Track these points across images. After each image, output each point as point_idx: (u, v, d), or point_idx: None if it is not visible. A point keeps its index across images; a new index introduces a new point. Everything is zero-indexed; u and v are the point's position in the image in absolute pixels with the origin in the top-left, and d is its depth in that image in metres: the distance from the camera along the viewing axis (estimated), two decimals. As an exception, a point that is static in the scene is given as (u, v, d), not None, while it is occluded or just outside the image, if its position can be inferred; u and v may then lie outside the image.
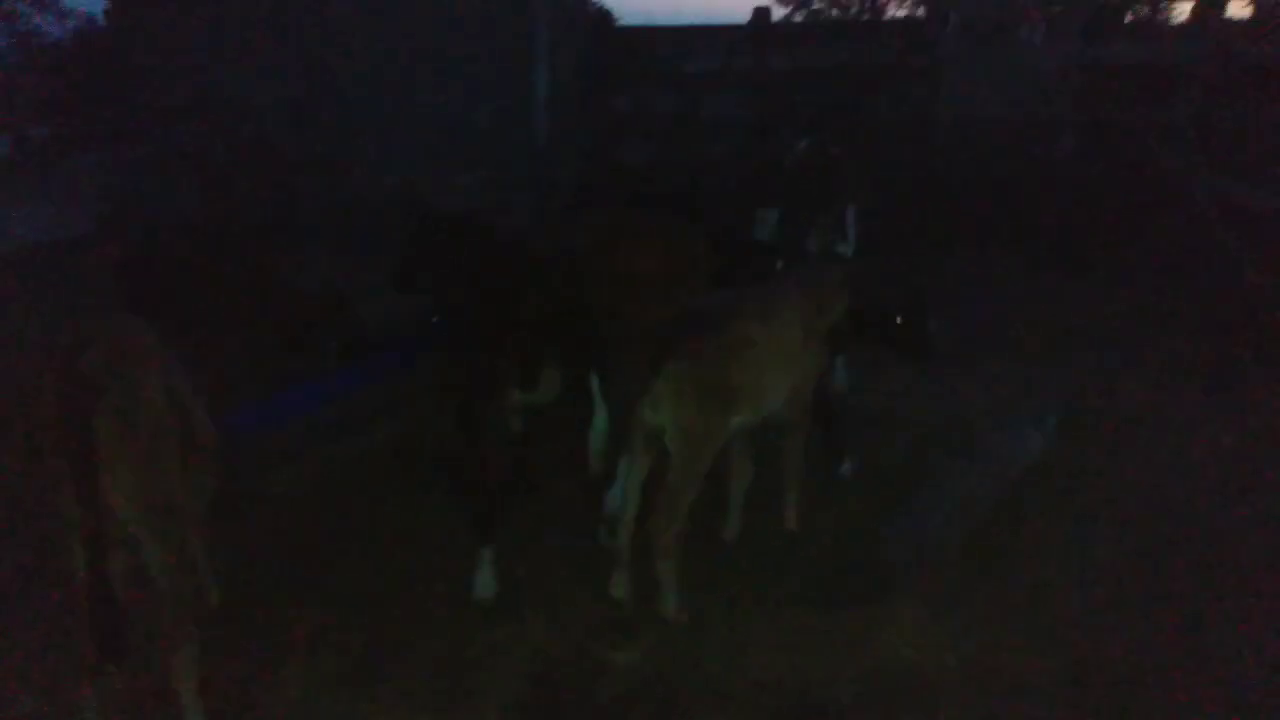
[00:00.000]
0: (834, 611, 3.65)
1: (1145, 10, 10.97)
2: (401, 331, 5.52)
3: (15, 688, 3.20)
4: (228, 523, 3.75)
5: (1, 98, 9.96)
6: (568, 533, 4.17)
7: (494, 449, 4.47)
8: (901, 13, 23.26)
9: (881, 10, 22.99)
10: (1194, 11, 8.62)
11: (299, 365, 5.18)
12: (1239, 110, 7.86)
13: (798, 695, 3.27)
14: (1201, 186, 7.04)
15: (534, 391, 4.26)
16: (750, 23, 8.59)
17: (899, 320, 4.09)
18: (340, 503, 4.48)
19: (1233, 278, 6.53)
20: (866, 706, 3.21)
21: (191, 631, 2.85)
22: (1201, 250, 7.01)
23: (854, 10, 23.02)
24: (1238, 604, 3.68)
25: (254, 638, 3.50)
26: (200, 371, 3.15)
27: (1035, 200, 8.35)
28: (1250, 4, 8.56)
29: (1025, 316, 6.87)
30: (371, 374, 5.05)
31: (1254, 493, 4.50)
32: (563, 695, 3.30)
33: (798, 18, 22.37)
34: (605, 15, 9.17)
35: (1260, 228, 6.66)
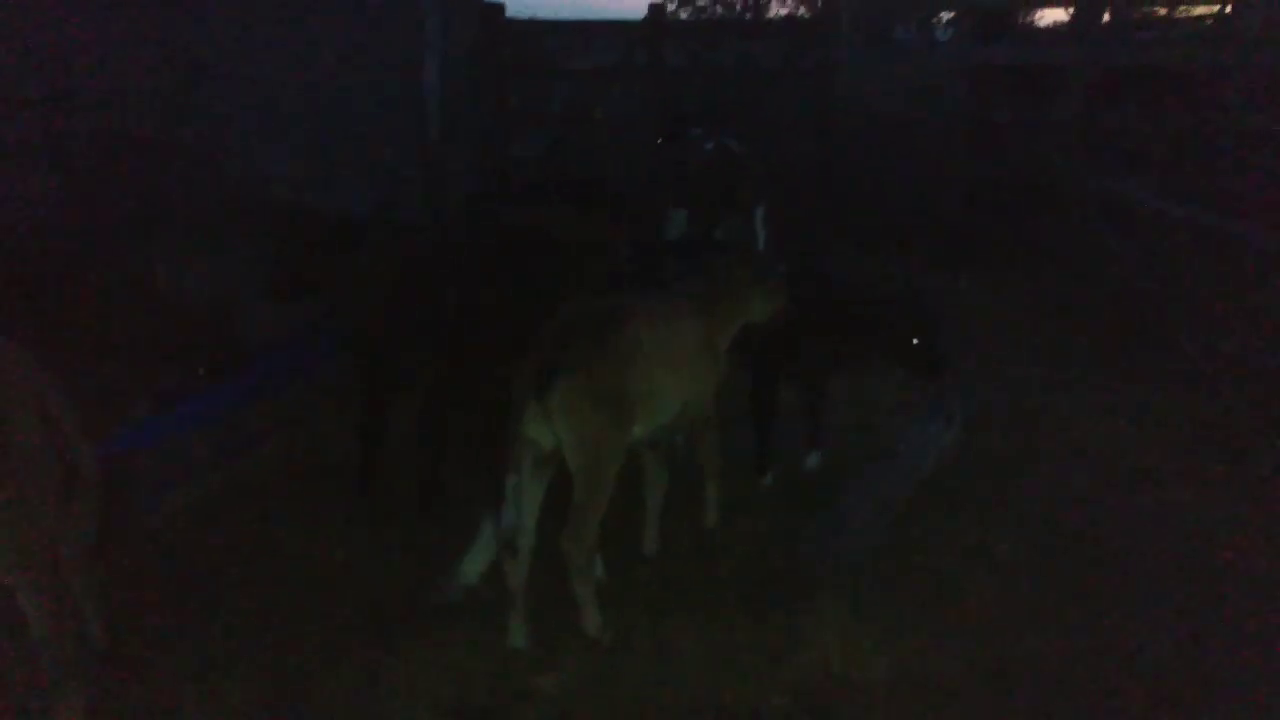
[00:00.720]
0: (760, 623, 3.58)
1: (1029, 14, 11.37)
2: (290, 338, 5.23)
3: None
4: (115, 554, 3.44)
5: None
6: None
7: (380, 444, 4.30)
8: (784, 11, 23.69)
9: (764, 10, 23.34)
10: (1073, 17, 8.96)
11: (179, 380, 4.85)
12: (1119, 111, 8.21)
13: (728, 712, 3.17)
14: (1086, 185, 7.30)
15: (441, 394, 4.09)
16: (646, 19, 8.50)
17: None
18: (236, 524, 4.18)
19: (1118, 273, 6.79)
20: (798, 720, 3.14)
21: (75, 681, 2.57)
22: (1088, 247, 7.27)
23: (739, 9, 23.30)
24: (1146, 595, 3.78)
25: (150, 676, 3.21)
26: (74, 393, 2.84)
27: (927, 199, 8.54)
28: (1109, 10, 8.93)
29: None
30: (261, 386, 4.73)
31: (1152, 482, 4.65)
32: (482, 721, 3.12)
33: (683, 15, 22.49)
34: (497, 8, 8.90)
35: (1141, 225, 6.94)
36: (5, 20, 7.89)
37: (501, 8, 8.87)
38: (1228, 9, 10.11)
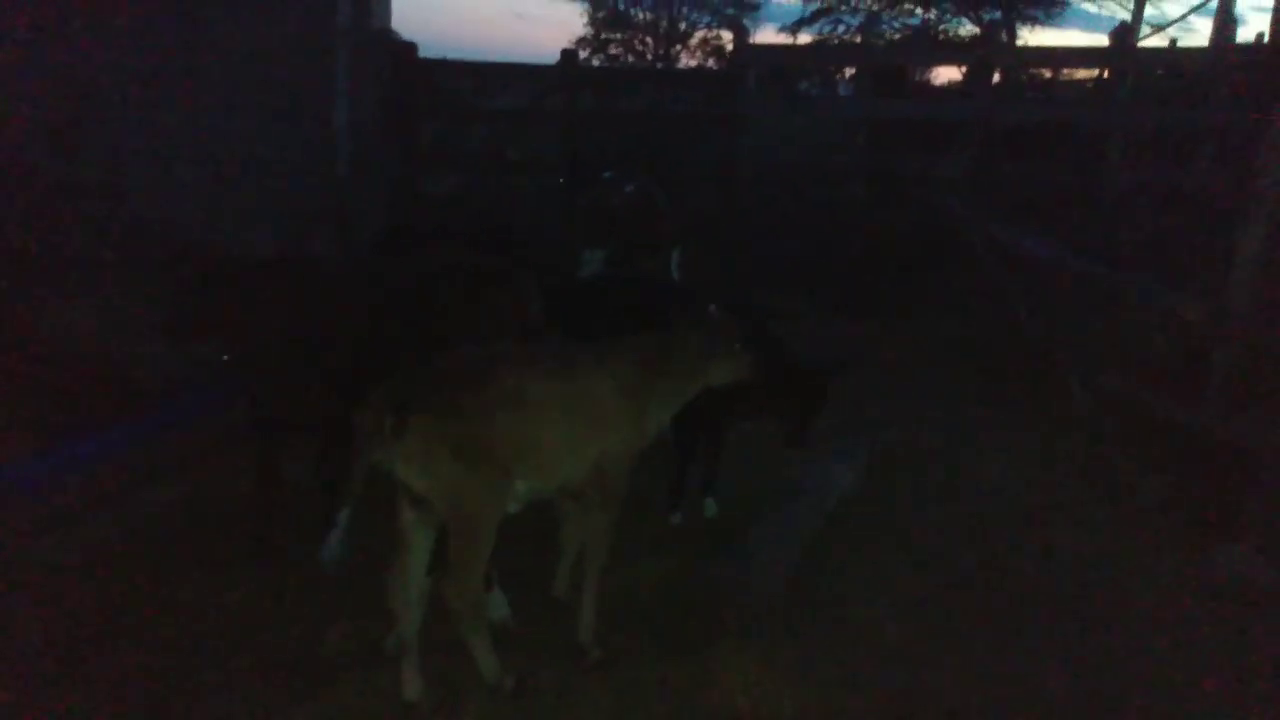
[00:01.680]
0: (667, 662, 3.57)
1: (924, 72, 11.93)
2: (186, 381, 5.06)
3: None
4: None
5: None
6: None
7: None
8: (694, 62, 24.34)
9: (675, 60, 23.93)
10: (965, 75, 9.42)
11: (65, 421, 4.64)
12: (1009, 163, 8.65)
13: (635, 752, 3.16)
14: (979, 234, 7.64)
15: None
16: (559, 64, 8.61)
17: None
18: (126, 569, 3.99)
19: (1010, 319, 7.10)
20: (705, 761, 3.15)
21: None
22: (982, 293, 7.59)
23: (650, 58, 23.83)
24: (1039, 629, 3.91)
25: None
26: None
27: (827, 244, 8.81)
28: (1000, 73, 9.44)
29: (825, 355, 7.16)
30: (154, 428, 4.55)
31: (1041, 520, 4.84)
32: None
33: (595, 61, 22.90)
34: (409, 47, 8.89)
35: (1031, 272, 7.28)
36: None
37: (414, 47, 8.87)
38: (1105, 74, 10.80)
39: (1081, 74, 13.04)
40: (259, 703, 3.28)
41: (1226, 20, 10.08)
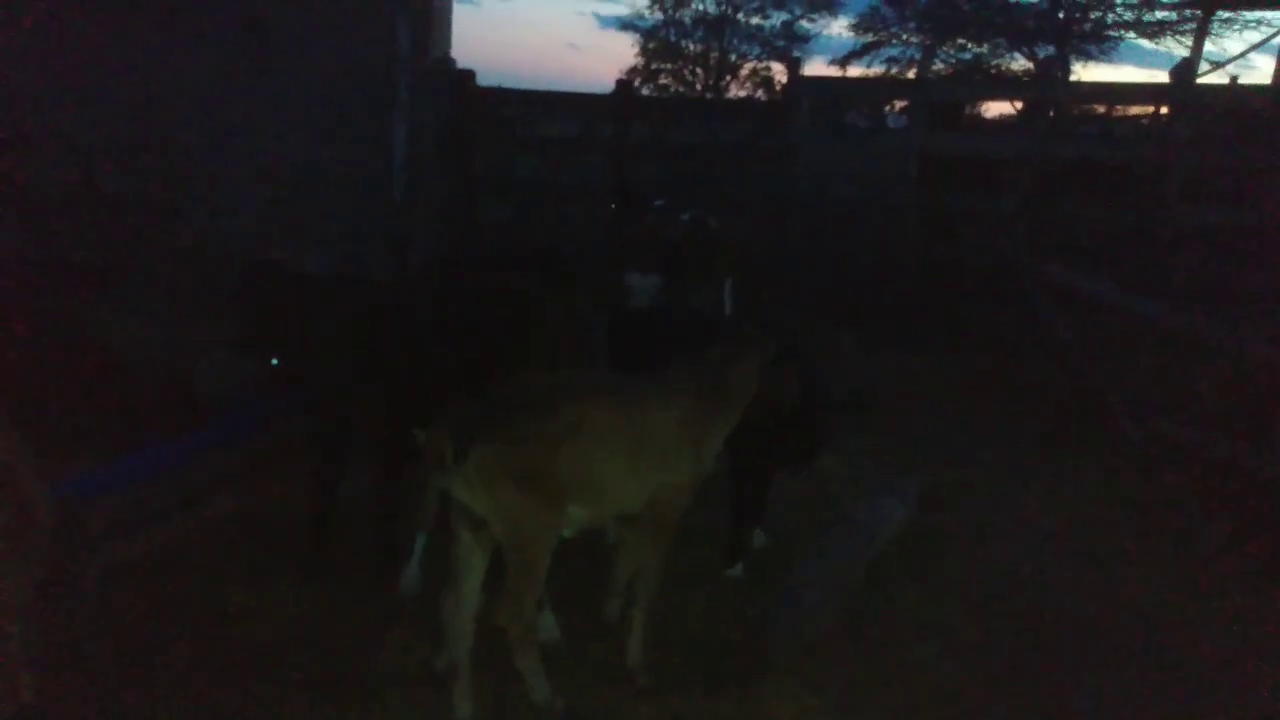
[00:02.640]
0: (715, 692, 3.55)
1: (977, 106, 11.90)
2: (248, 394, 5.15)
3: None
4: (55, 604, 3.32)
5: None
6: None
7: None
8: (743, 93, 24.47)
9: (724, 90, 24.07)
10: (1021, 111, 9.37)
11: (131, 432, 4.75)
12: (1062, 200, 8.56)
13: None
14: (1032, 271, 7.57)
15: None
16: (614, 93, 8.72)
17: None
18: (184, 580, 4.07)
19: (1064, 357, 7.00)
20: (754, 792, 3.12)
21: None
22: (1035, 330, 7.49)
23: (699, 88, 24.00)
24: (1095, 673, 3.82)
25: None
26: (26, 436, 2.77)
27: (877, 278, 8.76)
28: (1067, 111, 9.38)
29: (875, 390, 7.11)
30: (216, 441, 4.64)
31: (1099, 562, 4.75)
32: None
33: (645, 91, 23.11)
34: (466, 75, 9.06)
35: (1086, 311, 7.18)
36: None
37: (472, 74, 9.03)
38: (1163, 110, 10.68)
39: (1135, 110, 12.91)
40: (310, 716, 3.30)
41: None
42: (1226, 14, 14.72)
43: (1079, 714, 3.56)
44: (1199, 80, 10.24)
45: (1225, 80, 13.66)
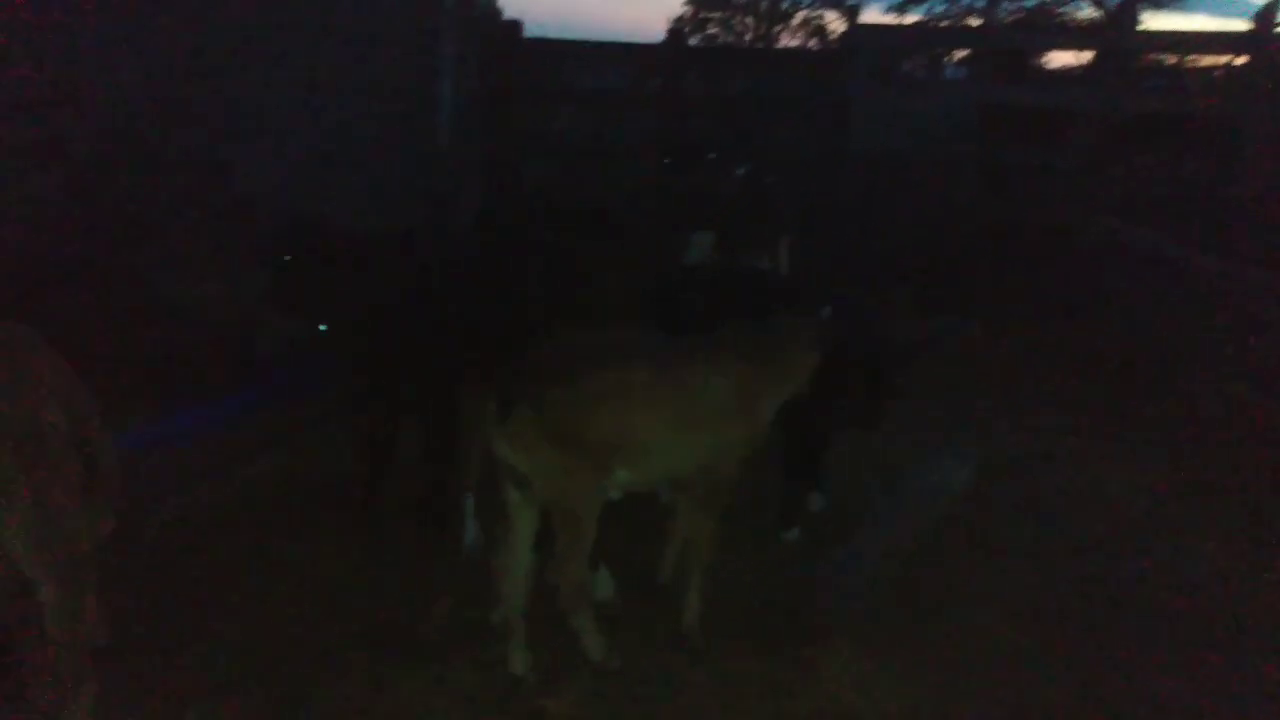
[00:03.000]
0: (770, 656, 3.51)
1: (1039, 56, 11.47)
2: (297, 351, 5.16)
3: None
4: (118, 553, 3.36)
5: None
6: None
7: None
8: (794, 43, 23.93)
9: (775, 41, 23.55)
10: (1090, 61, 9.02)
11: (183, 387, 4.78)
12: (1129, 156, 8.25)
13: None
14: (1095, 229, 7.31)
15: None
16: (664, 43, 8.51)
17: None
18: (236, 534, 4.11)
19: (1129, 319, 6.78)
20: (812, 755, 3.08)
21: (89, 679, 2.52)
22: (1098, 291, 7.27)
23: (749, 38, 23.51)
24: (1162, 644, 3.72)
25: (147, 681, 3.14)
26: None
27: (934, 237, 8.53)
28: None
29: (929, 354, 6.94)
30: (266, 398, 4.66)
31: (1167, 531, 4.61)
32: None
33: (692, 42, 22.68)
34: (514, 26, 8.90)
35: (1153, 271, 6.94)
36: (10, 22, 7.89)
37: (519, 25, 8.86)
38: (1238, 60, 10.20)
39: (1206, 61, 12.37)
40: (366, 671, 3.32)
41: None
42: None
43: (1140, 685, 3.46)
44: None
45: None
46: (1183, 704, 3.37)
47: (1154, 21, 17.65)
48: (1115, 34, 9.23)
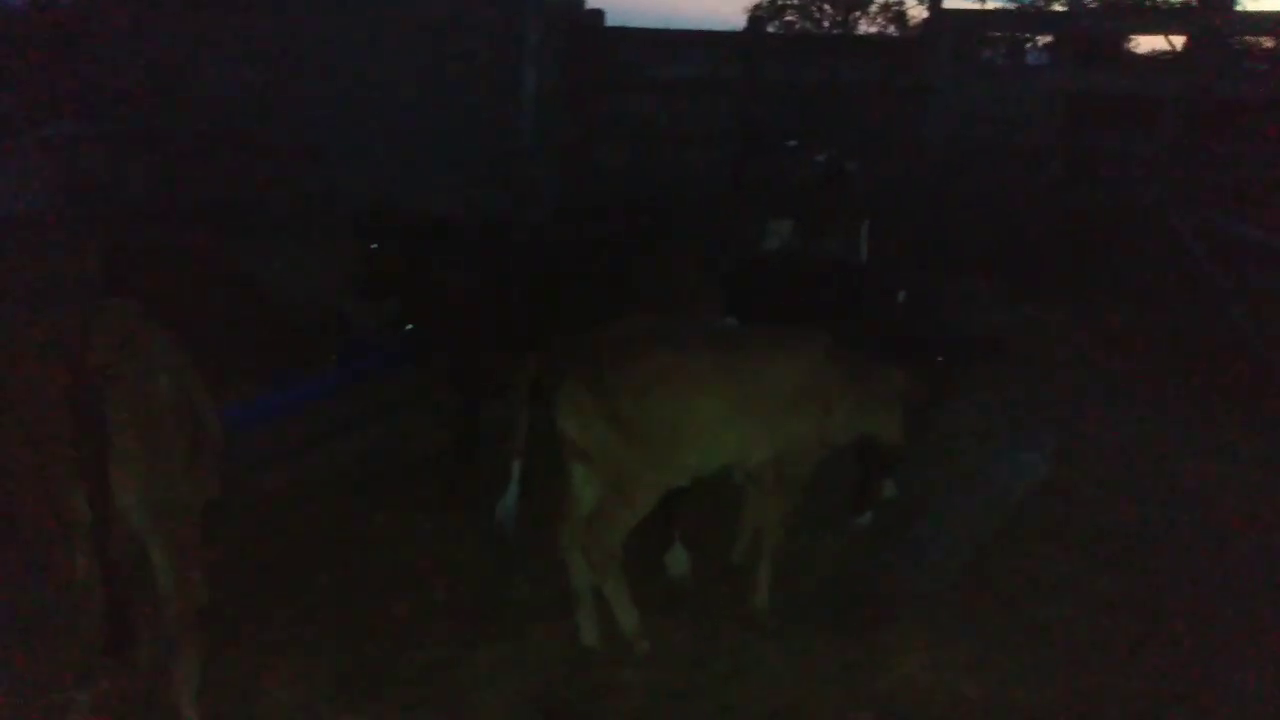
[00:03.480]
0: (843, 637, 3.55)
1: (1127, 41, 11.12)
2: (386, 332, 5.34)
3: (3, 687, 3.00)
4: (216, 520, 3.56)
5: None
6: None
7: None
8: (872, 29, 23.48)
9: (853, 27, 23.14)
10: (1184, 45, 8.74)
11: (279, 365, 4.99)
12: (1217, 143, 7.99)
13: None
14: (1181, 216, 7.11)
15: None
16: (745, 31, 8.50)
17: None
18: (327, 507, 4.29)
19: (1217, 309, 6.60)
20: (885, 733, 3.12)
21: (196, 633, 2.69)
22: (1186, 281, 7.07)
23: (826, 25, 23.15)
24: (1243, 640, 3.66)
25: (244, 641, 3.33)
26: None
27: (1016, 224, 8.38)
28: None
29: (1009, 338, 6.84)
30: (358, 374, 4.85)
31: (1254, 527, 4.50)
32: (564, 715, 3.15)
33: (770, 29, 22.42)
34: (596, 15, 8.98)
35: (1239, 258, 6.74)
36: (109, 20, 8.28)
37: (601, 15, 8.93)
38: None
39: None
40: (449, 638, 3.46)
41: None
42: None
43: (1223, 681, 3.41)
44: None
45: None
46: (1268, 700, 3.32)
47: (1251, 3, 16.92)
48: (1210, 16, 8.93)
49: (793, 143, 6.01)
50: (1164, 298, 7.31)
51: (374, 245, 4.28)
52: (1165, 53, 12.28)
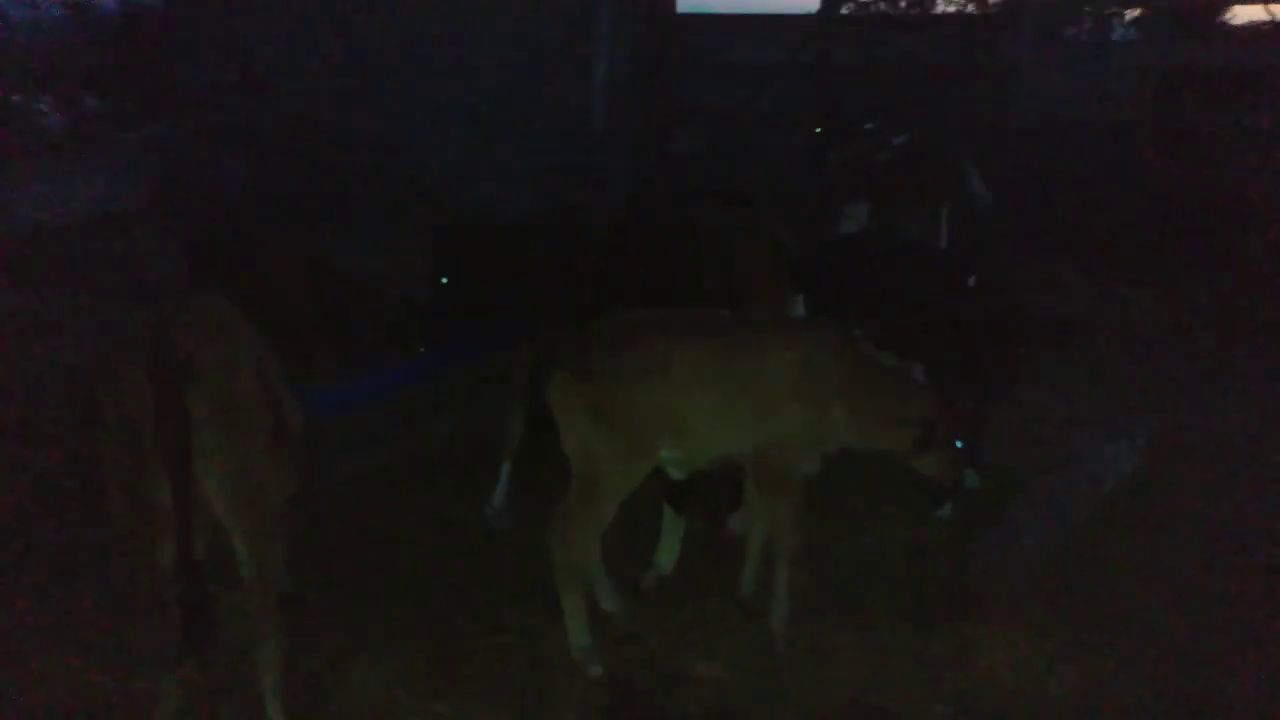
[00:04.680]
0: (923, 631, 3.49)
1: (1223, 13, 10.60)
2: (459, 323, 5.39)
3: (90, 678, 3.11)
4: (296, 512, 3.65)
5: (53, 67, 9.91)
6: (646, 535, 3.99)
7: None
8: (951, 8, 22.84)
9: (930, 7, 22.54)
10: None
11: (357, 356, 5.08)
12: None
13: (888, 714, 3.11)
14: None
15: None
16: (819, 12, 8.33)
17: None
18: (407, 494, 4.37)
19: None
20: (965, 731, 3.05)
21: (279, 624, 2.76)
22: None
23: (903, 4, 22.61)
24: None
25: (324, 632, 3.39)
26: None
27: (1106, 204, 8.08)
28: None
29: (1098, 324, 6.61)
30: (436, 364, 4.91)
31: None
32: (641, 705, 3.16)
33: (845, 10, 21.97)
34: (668, 1, 8.92)
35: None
36: (200, 14, 8.53)
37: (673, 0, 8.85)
38: None
39: None
40: (518, 626, 3.50)
41: None
42: None
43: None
44: None
45: None
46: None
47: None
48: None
49: (869, 126, 5.89)
50: (1270, 280, 6.96)
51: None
52: (1265, 23, 11.69)
